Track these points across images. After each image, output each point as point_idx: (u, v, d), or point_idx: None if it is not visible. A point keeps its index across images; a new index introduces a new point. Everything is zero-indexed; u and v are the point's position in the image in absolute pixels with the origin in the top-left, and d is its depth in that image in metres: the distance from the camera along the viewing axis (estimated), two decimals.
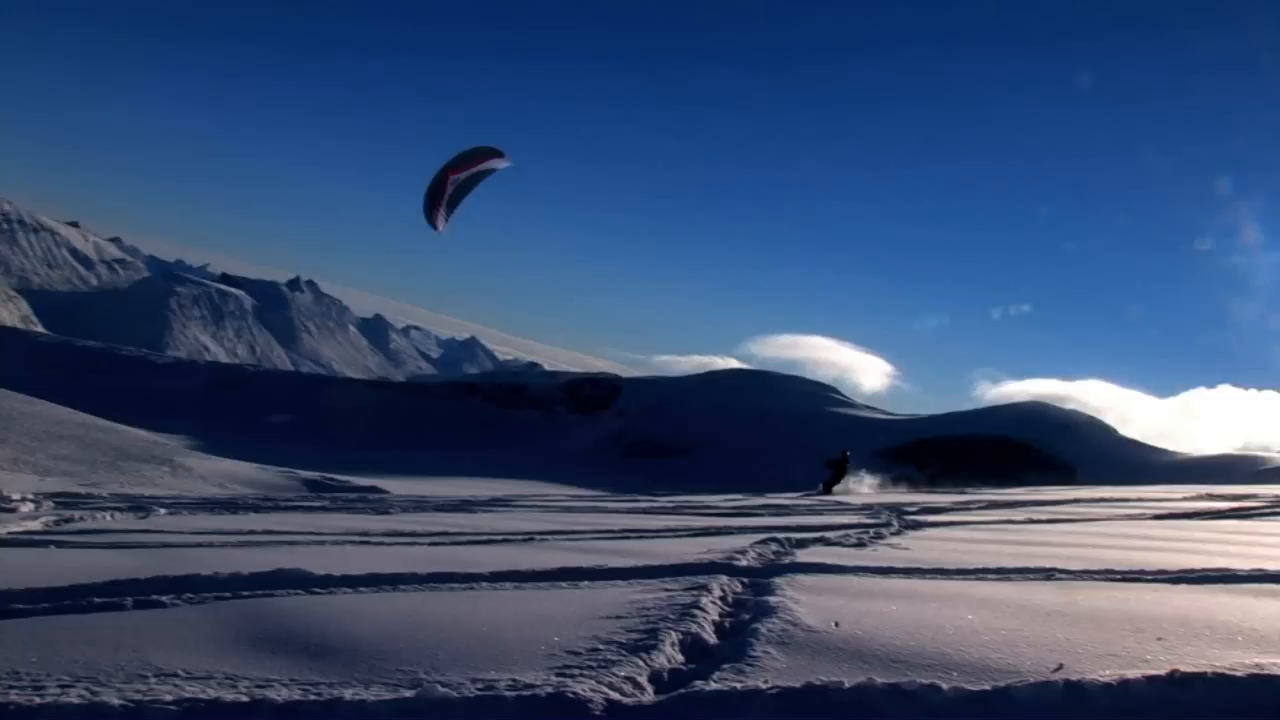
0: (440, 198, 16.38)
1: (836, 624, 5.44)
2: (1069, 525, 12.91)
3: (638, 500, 22.01)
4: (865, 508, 16.59)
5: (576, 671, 4.58)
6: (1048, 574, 7.52)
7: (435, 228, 16.68)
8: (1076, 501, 19.02)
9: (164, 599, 5.85)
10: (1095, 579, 7.38)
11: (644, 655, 4.81)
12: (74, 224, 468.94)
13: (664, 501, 21.07)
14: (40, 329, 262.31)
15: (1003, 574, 7.56)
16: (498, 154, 16.69)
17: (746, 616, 5.70)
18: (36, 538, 9.35)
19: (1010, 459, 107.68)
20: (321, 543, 9.39)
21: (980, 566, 7.87)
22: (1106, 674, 4.40)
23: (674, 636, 5.16)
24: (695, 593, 6.34)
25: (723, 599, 6.25)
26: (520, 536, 10.32)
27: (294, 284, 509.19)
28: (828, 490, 26.12)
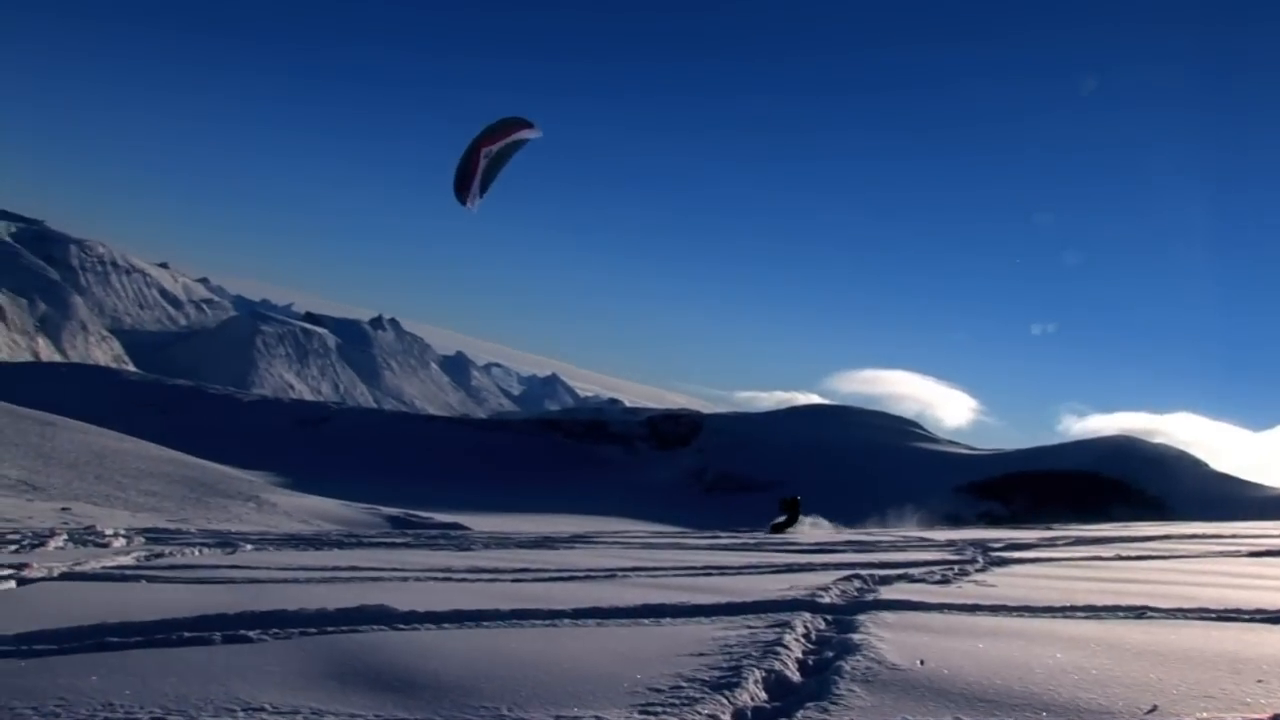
0: (474, 173, 15.68)
1: (921, 662, 5.36)
2: (1160, 562, 12.64)
3: (719, 537, 21.92)
4: (949, 544, 16.37)
5: (659, 709, 4.56)
6: (1139, 612, 7.36)
7: (466, 205, 15.97)
8: (1168, 538, 18.62)
9: (251, 634, 5.91)
10: (1189, 618, 7.21)
11: (727, 693, 4.77)
12: (164, 265, 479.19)
13: (745, 538, 20.97)
14: (131, 368, 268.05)
15: (1092, 612, 7.41)
16: (527, 124, 15.99)
17: (830, 654, 5.64)
18: (128, 572, 9.49)
19: (1098, 494, 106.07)
20: (405, 579, 9.44)
21: (1068, 604, 7.72)
22: (1204, 716, 4.29)
23: (757, 674, 5.11)
24: (778, 630, 6.28)
25: (806, 636, 6.20)
26: (602, 573, 10.30)
27: (376, 322, 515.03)
28: (776, 532, 25.72)
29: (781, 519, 27.02)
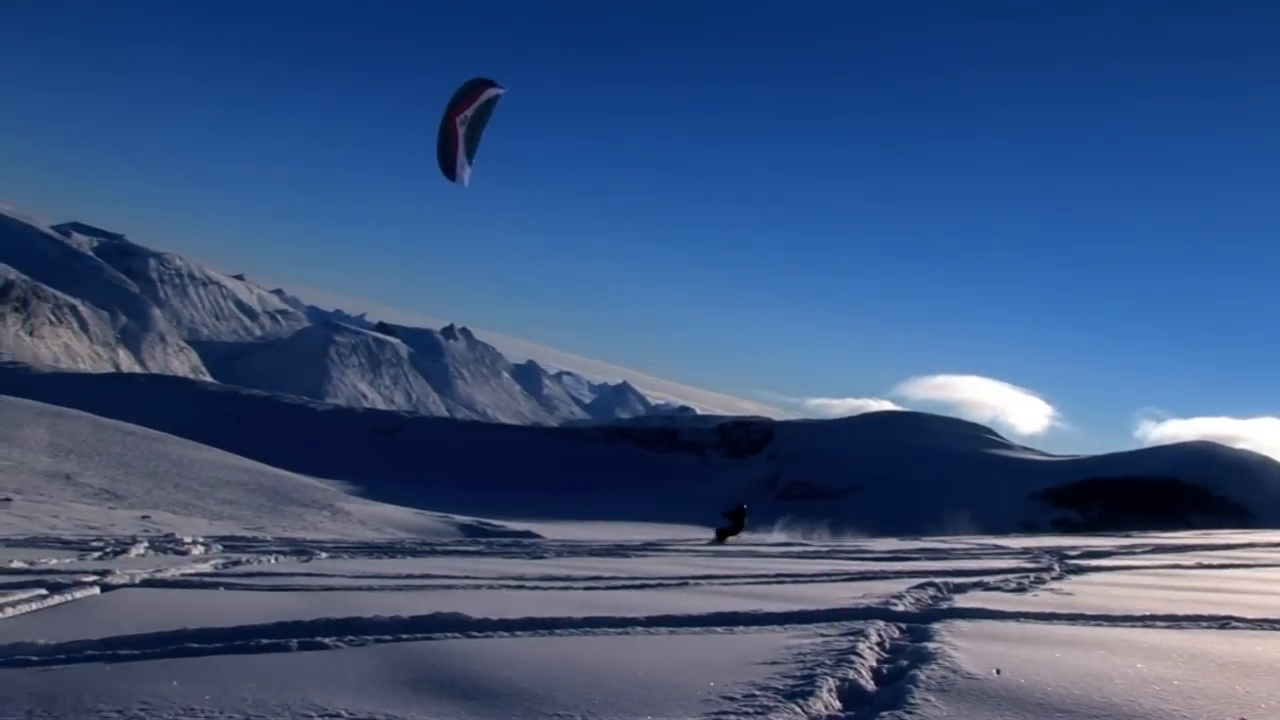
0: (455, 143, 14.99)
1: (998, 671, 5.30)
2: (1244, 571, 12.42)
3: (790, 544, 21.85)
4: (1025, 551, 16.20)
5: (732, 717, 4.55)
6: (1222, 622, 7.23)
7: (455, 179, 15.29)
8: (1252, 546, 18.30)
9: (327, 641, 5.97)
10: (1276, 628, 7.08)
11: (801, 701, 4.75)
12: (239, 277, 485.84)
13: (818, 546, 20.88)
14: (208, 378, 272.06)
15: (1173, 621, 7.29)
16: (491, 83, 15.16)
17: (905, 663, 5.59)
18: (207, 579, 9.64)
19: (1177, 501, 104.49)
20: (478, 587, 9.49)
21: (1148, 613, 7.60)
22: None
23: (831, 682, 5.08)
24: (852, 638, 6.24)
25: (880, 645, 6.16)
26: (674, 581, 10.29)
27: (448, 332, 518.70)
28: (721, 540, 25.32)
29: (726, 526, 26.57)
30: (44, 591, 8.06)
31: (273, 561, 12.48)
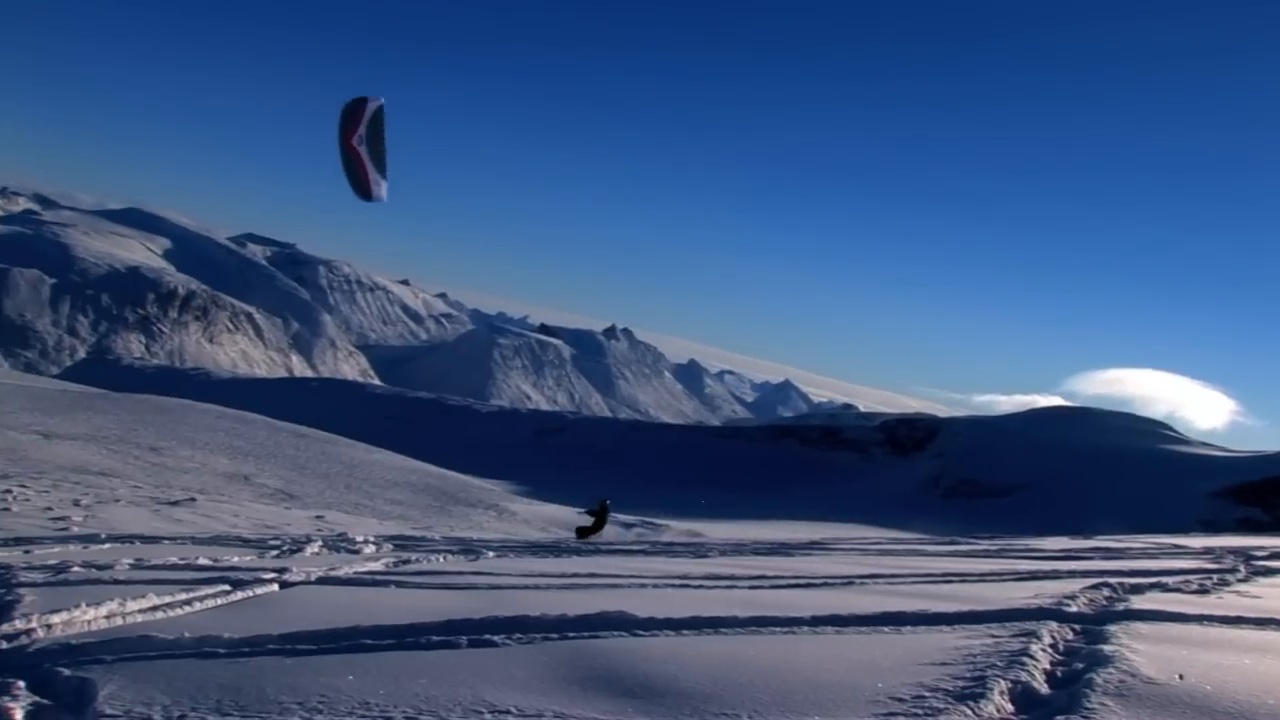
0: (362, 163, 15.05)
1: (1180, 676, 5.13)
2: None
3: (958, 543, 21.46)
4: (1206, 551, 15.64)
5: (901, 718, 4.49)
6: None
7: (372, 198, 15.33)
8: None
9: (496, 638, 6.06)
10: None
11: (972, 704, 4.67)
12: (405, 282, 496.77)
13: (986, 544, 20.47)
14: (377, 381, 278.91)
15: None
16: (366, 99, 15.10)
17: (1080, 665, 5.44)
18: (379, 578, 9.86)
19: None
20: (643, 586, 9.52)
21: None
22: None
23: (1003, 685, 4.98)
24: (1024, 639, 6.11)
25: (1053, 646, 6.00)
26: (839, 580, 10.20)
27: (610, 332, 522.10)
28: (582, 537, 24.40)
29: (588, 524, 25.80)
30: (228, 587, 8.37)
31: (441, 560, 12.71)
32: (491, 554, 14.19)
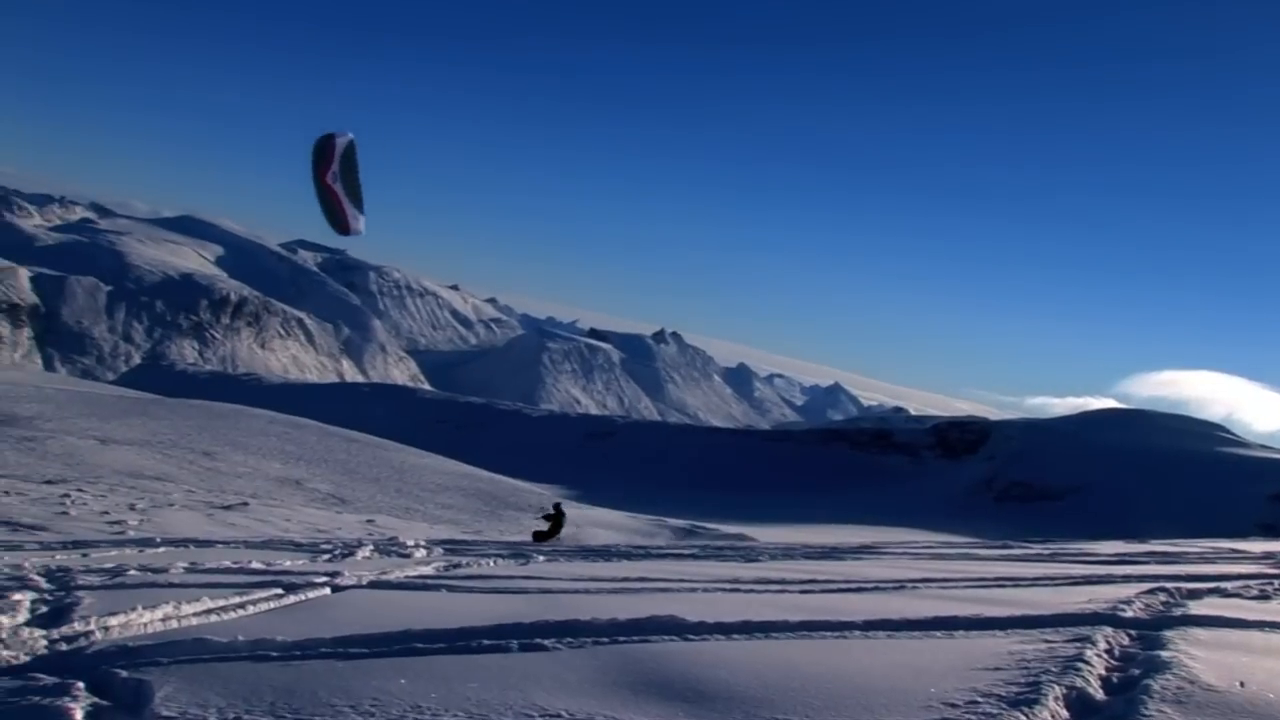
0: (337, 200, 15.27)
1: (1241, 684, 5.05)
2: None
3: (1010, 547, 21.31)
4: (1266, 556, 15.45)
5: None
6: None
7: (351, 232, 15.67)
8: None
9: (546, 643, 6.07)
10: None
11: (1025, 710, 4.62)
12: (454, 287, 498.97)
13: (1039, 548, 20.30)
14: (427, 386, 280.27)
15: None
16: (334, 135, 15.27)
17: (1136, 672, 5.38)
18: (430, 581, 9.91)
19: None
20: (693, 589, 9.52)
21: None
22: None
23: (1058, 690, 4.93)
24: (1078, 644, 6.04)
25: (1109, 652, 5.94)
26: (890, 584, 10.15)
27: (659, 336, 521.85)
28: (539, 541, 24.06)
29: (544, 528, 25.50)
30: (281, 591, 8.44)
31: (492, 564, 12.75)
32: (542, 558, 14.23)
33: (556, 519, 25.27)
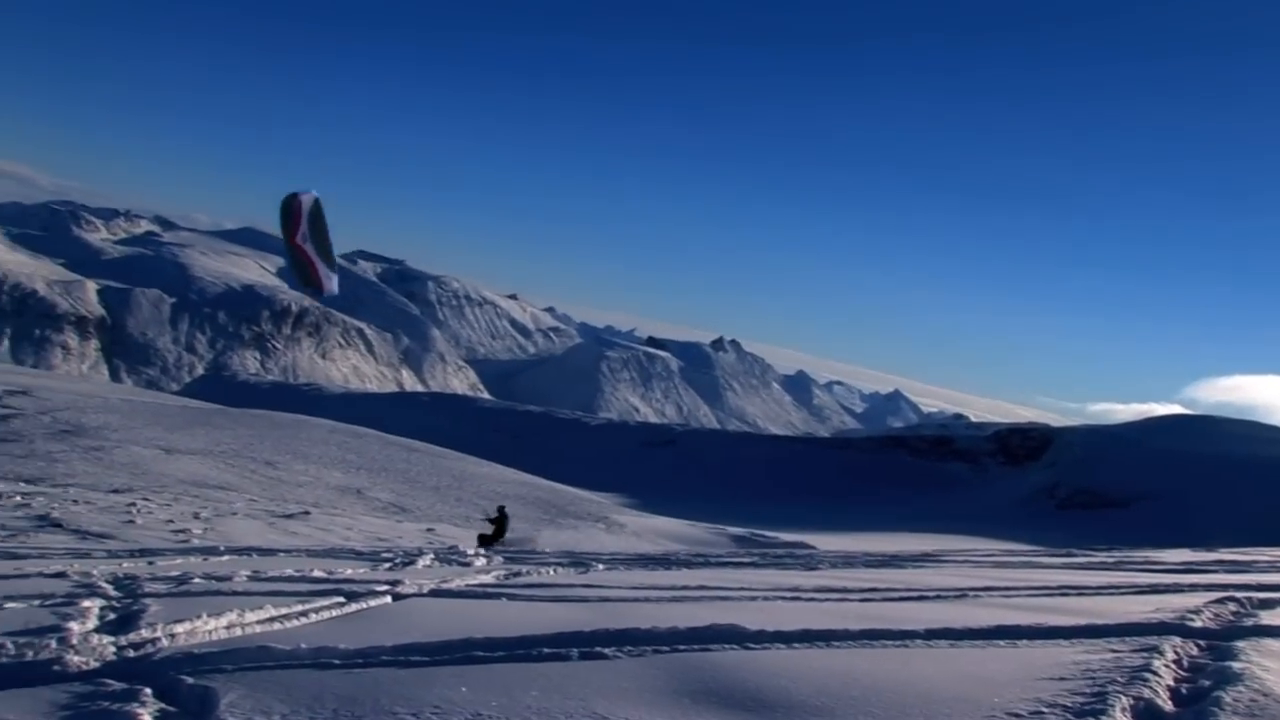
0: (310, 261, 15.56)
1: None
2: None
3: (1074, 555, 21.07)
4: None
5: None
6: None
7: (325, 291, 15.93)
8: None
9: (606, 651, 6.07)
10: None
11: None
12: (513, 296, 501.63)
13: (1103, 557, 20.06)
14: (486, 395, 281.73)
15: None
16: (298, 194, 15.65)
17: (1206, 683, 5.28)
18: (490, 590, 9.95)
19: None
20: (753, 598, 9.48)
21: None
22: None
23: (1124, 701, 4.85)
24: (1145, 655, 5.95)
25: (1177, 662, 5.84)
26: (952, 593, 10.05)
27: (717, 344, 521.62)
28: (484, 545, 23.63)
29: (488, 532, 25.15)
30: (342, 599, 8.50)
31: (551, 573, 12.77)
32: (601, 566, 14.23)
33: (500, 522, 25.27)
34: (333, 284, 16.03)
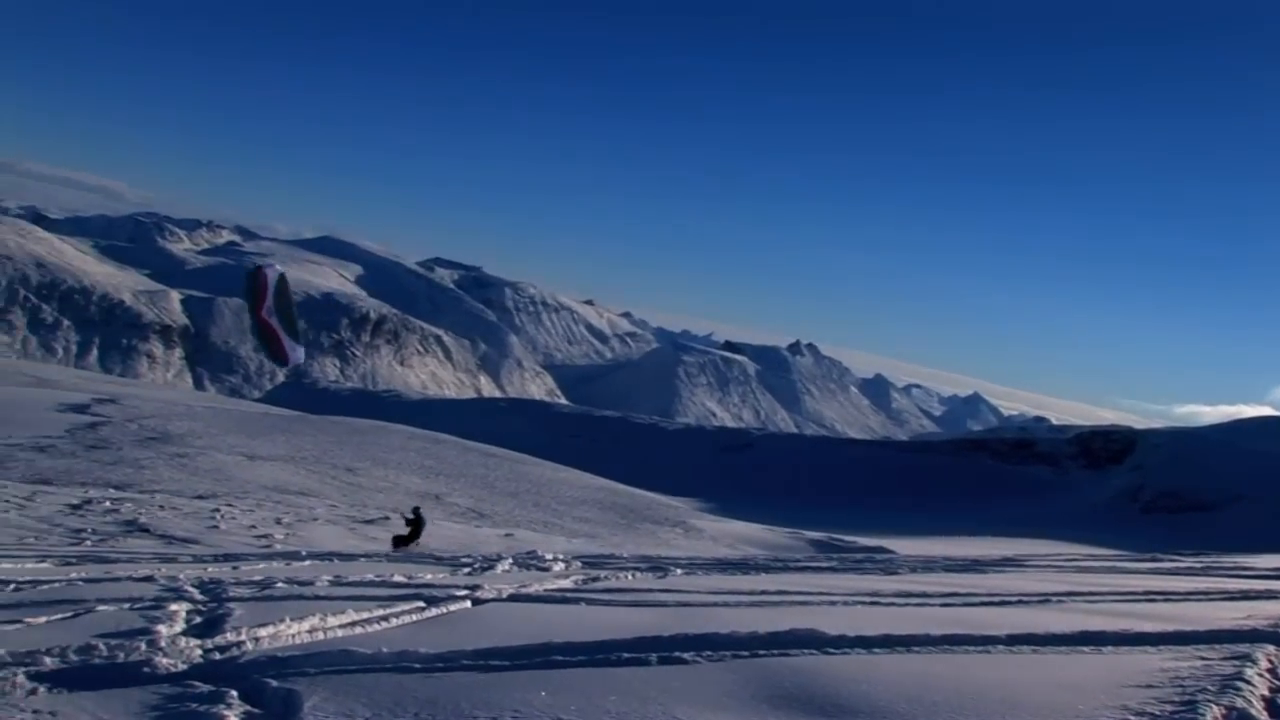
0: (275, 334, 16.07)
1: None
2: None
3: (1160, 560, 20.73)
4: None
5: None
6: None
7: (289, 363, 16.55)
8: None
9: (685, 655, 6.06)
10: None
11: None
12: (589, 302, 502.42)
13: (1190, 561, 19.71)
14: (563, 400, 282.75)
15: None
16: (261, 269, 16.54)
17: None
18: (569, 595, 9.98)
19: None
20: (832, 603, 9.43)
21: None
22: None
23: (1216, 711, 4.76)
24: (1237, 663, 5.83)
25: (1271, 671, 5.72)
26: (1035, 597, 9.94)
27: (794, 348, 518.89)
28: (399, 547, 22.95)
29: (404, 533, 24.56)
30: (422, 604, 8.58)
31: (630, 578, 12.78)
32: (679, 571, 14.23)
33: (416, 524, 25.12)
34: (298, 355, 16.78)
